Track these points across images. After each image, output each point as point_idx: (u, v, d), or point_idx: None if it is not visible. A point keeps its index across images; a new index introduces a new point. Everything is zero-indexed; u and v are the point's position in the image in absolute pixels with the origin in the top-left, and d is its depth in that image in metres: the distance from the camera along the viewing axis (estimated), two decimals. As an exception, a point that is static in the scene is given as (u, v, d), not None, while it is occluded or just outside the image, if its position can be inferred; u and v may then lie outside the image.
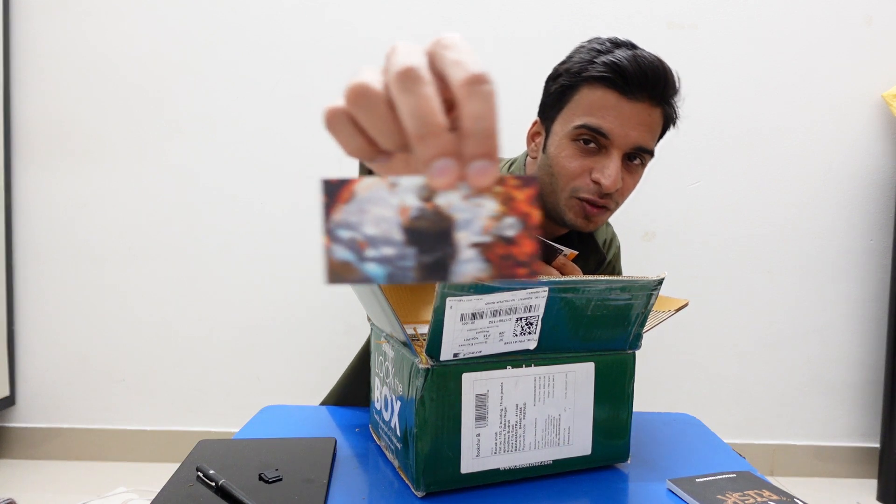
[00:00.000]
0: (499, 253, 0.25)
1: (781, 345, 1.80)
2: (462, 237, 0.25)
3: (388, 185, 0.26)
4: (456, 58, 0.25)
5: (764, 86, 1.73)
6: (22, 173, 1.74)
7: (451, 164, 0.24)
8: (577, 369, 0.57)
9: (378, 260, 0.25)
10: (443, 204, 0.25)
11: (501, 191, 0.25)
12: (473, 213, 0.25)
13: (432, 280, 0.25)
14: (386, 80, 0.26)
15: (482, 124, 0.24)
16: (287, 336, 1.78)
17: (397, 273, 0.25)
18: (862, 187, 1.76)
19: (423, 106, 0.24)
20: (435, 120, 0.24)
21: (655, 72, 0.74)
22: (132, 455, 1.78)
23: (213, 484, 0.52)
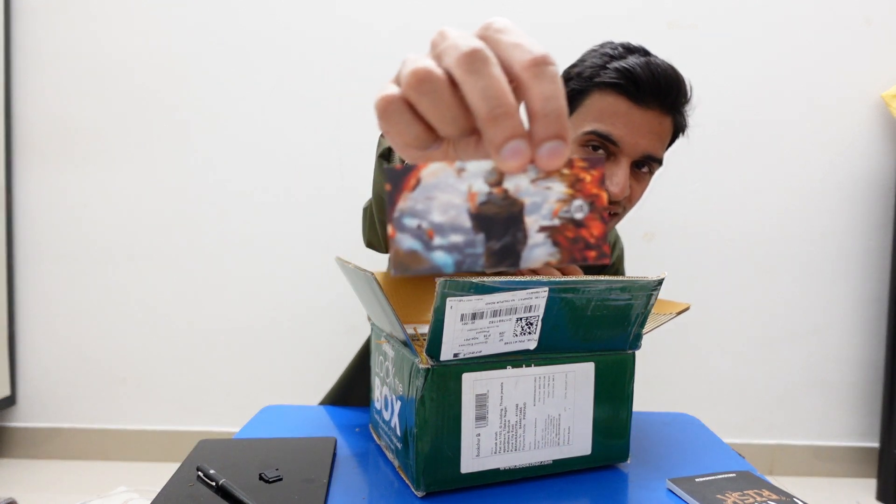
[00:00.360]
0: (568, 236, 0.25)
1: (781, 345, 1.80)
2: (531, 221, 0.25)
3: (456, 171, 0.25)
4: (515, 41, 0.25)
5: (763, 86, 1.74)
6: (23, 173, 1.74)
7: (523, 146, 0.23)
8: (577, 369, 0.57)
9: (446, 248, 0.25)
10: (511, 188, 0.25)
11: (569, 173, 0.25)
12: (542, 197, 0.25)
13: (503, 267, 0.25)
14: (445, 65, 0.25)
15: (553, 104, 0.23)
16: (287, 336, 1.78)
17: (466, 261, 0.25)
18: (862, 187, 1.76)
19: (494, 86, 0.23)
20: (508, 100, 0.23)
21: (668, 80, 0.73)
22: (132, 455, 1.79)
23: (214, 484, 0.52)
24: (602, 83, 0.73)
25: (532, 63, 0.24)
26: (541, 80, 0.23)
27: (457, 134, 0.26)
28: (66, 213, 1.75)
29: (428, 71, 0.25)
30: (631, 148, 0.74)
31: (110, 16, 1.71)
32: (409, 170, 0.25)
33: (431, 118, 0.26)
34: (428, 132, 0.27)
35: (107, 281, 1.76)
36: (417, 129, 0.27)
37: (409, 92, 0.25)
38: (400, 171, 0.25)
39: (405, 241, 0.24)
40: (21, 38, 1.71)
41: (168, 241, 1.76)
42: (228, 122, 1.73)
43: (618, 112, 0.73)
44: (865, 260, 1.77)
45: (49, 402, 1.79)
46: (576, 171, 0.25)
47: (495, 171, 0.25)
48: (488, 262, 0.25)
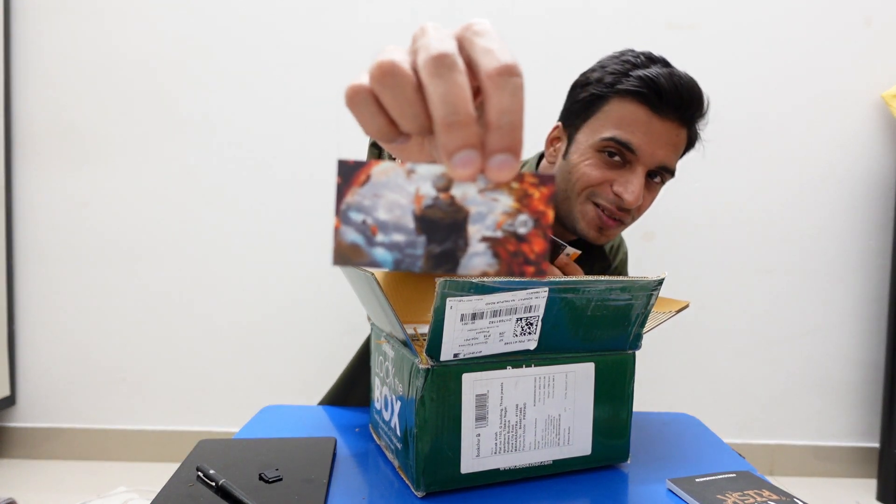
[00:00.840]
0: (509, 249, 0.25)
1: (781, 345, 1.80)
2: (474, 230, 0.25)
3: (406, 172, 0.25)
4: (487, 46, 0.24)
5: (764, 86, 1.73)
6: (23, 173, 1.74)
7: (474, 156, 0.23)
8: (577, 369, 0.57)
9: (387, 246, 0.25)
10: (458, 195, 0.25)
11: (518, 187, 0.25)
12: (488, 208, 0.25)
13: (440, 270, 0.25)
14: (414, 62, 0.25)
15: (508, 118, 0.23)
16: (287, 336, 1.78)
17: (405, 260, 0.25)
18: (862, 187, 1.76)
19: (454, 94, 0.23)
20: (465, 109, 0.23)
21: (690, 92, 0.73)
22: (132, 455, 1.78)
23: (214, 484, 0.52)
24: (623, 90, 0.73)
25: (497, 72, 0.23)
26: (502, 91, 0.23)
27: (417, 131, 0.26)
28: (66, 213, 1.75)
29: (393, 64, 0.25)
30: (648, 157, 0.74)
31: (110, 16, 1.70)
32: (360, 165, 0.25)
33: (392, 112, 0.26)
34: (391, 126, 0.27)
35: (107, 281, 1.76)
36: (381, 122, 0.27)
37: (373, 83, 0.25)
38: (351, 166, 0.25)
39: (349, 234, 0.25)
40: (21, 38, 1.70)
41: (168, 241, 1.76)
42: (228, 122, 1.73)
43: (638, 120, 0.73)
44: (865, 260, 1.77)
45: (49, 402, 1.79)
46: (525, 185, 0.25)
47: (445, 176, 0.25)
48: (426, 264, 0.25)
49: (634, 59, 0.75)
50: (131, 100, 1.73)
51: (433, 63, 0.24)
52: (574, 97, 0.79)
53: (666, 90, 0.72)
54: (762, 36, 1.72)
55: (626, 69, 0.74)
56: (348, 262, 0.25)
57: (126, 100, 1.73)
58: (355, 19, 1.72)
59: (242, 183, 1.75)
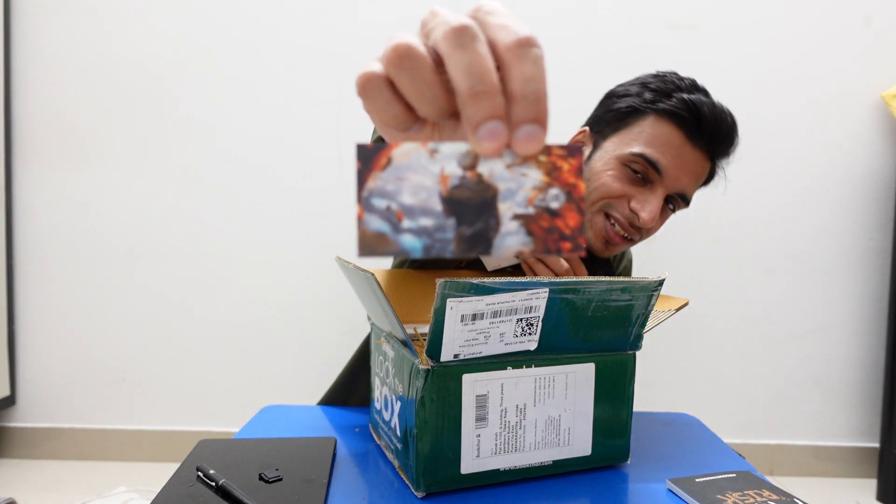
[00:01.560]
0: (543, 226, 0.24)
1: (781, 345, 1.80)
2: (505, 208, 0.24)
3: (429, 152, 0.24)
4: (502, 22, 0.24)
5: (763, 86, 1.73)
6: (23, 173, 1.74)
7: (500, 128, 0.22)
8: (577, 370, 0.57)
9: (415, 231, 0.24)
10: (485, 173, 0.24)
11: (546, 160, 0.24)
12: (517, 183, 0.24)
13: (473, 253, 0.24)
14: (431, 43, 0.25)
15: (533, 86, 0.23)
16: (287, 336, 1.78)
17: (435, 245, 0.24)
18: (862, 187, 1.76)
19: (479, 63, 0.23)
20: (491, 79, 0.23)
21: (727, 128, 0.74)
22: (132, 455, 1.78)
23: (214, 484, 0.52)
24: (663, 109, 0.72)
25: (516, 44, 0.23)
26: (523, 61, 0.23)
27: (436, 115, 0.25)
28: (65, 213, 1.75)
29: (409, 46, 0.24)
30: (672, 181, 0.74)
31: (110, 16, 1.70)
32: (380, 148, 0.24)
33: (410, 96, 0.25)
34: (407, 112, 0.26)
35: (107, 281, 1.76)
36: (396, 109, 0.26)
37: (389, 68, 0.24)
38: (371, 150, 0.24)
39: (373, 223, 0.24)
40: (21, 38, 1.70)
41: (167, 242, 1.76)
42: (228, 122, 1.73)
43: (671, 143, 0.72)
44: (865, 260, 1.77)
45: (49, 402, 1.79)
46: (553, 158, 0.24)
47: (470, 153, 0.24)
48: (458, 248, 0.24)
49: (679, 82, 0.74)
50: (131, 100, 1.73)
51: (455, 34, 0.23)
52: (608, 106, 0.79)
53: (707, 119, 0.71)
54: (762, 36, 1.72)
55: (669, 89, 0.74)
56: (374, 251, 0.24)
57: (126, 100, 1.73)
58: (355, 19, 1.72)
59: (242, 183, 1.75)
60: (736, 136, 0.76)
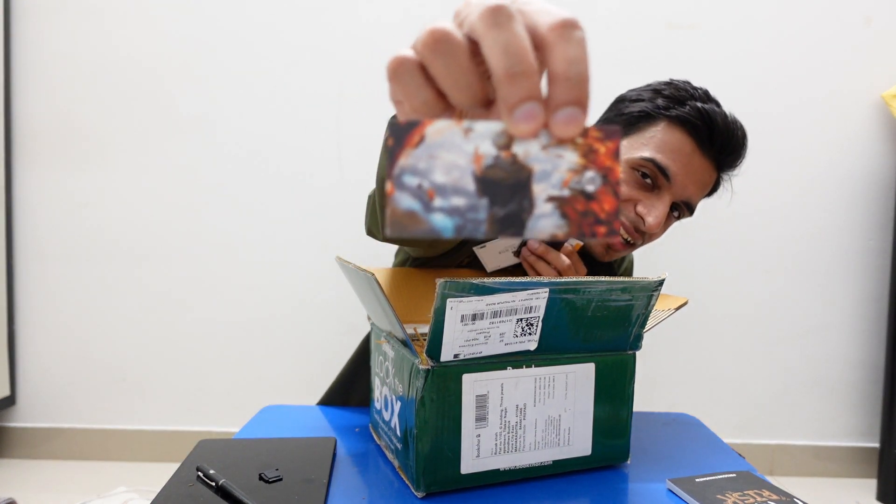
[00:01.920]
0: (578, 209, 0.23)
1: (781, 345, 1.80)
2: (539, 190, 0.23)
3: (463, 130, 0.23)
4: (541, 7, 0.23)
5: (763, 86, 1.73)
6: (23, 173, 1.74)
7: (538, 109, 0.22)
8: (577, 370, 0.57)
9: (447, 211, 0.23)
10: (520, 153, 0.23)
11: (582, 142, 0.24)
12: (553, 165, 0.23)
13: (506, 234, 0.23)
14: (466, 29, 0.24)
15: (577, 68, 0.22)
16: (287, 336, 1.78)
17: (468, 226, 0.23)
18: (861, 187, 1.76)
19: (516, 43, 0.22)
20: (528, 59, 0.22)
21: (738, 141, 0.74)
22: (132, 455, 1.78)
23: (214, 484, 0.52)
24: (676, 116, 0.73)
25: (561, 24, 0.22)
26: (567, 42, 0.22)
27: (468, 103, 0.25)
28: (65, 213, 1.75)
29: (445, 31, 0.23)
30: (680, 189, 0.74)
31: (110, 16, 1.70)
32: (413, 125, 0.23)
33: (444, 82, 0.24)
34: (438, 98, 0.25)
35: (107, 281, 1.76)
36: (427, 94, 0.25)
37: (423, 52, 0.24)
38: (404, 126, 0.23)
39: (404, 200, 0.23)
40: (21, 38, 1.70)
41: (168, 242, 1.76)
42: (228, 122, 1.73)
43: (681, 150, 0.73)
44: (865, 260, 1.77)
45: (49, 402, 1.79)
46: (590, 140, 0.23)
47: (505, 133, 0.23)
48: (491, 228, 0.23)
49: (692, 91, 0.75)
50: (131, 100, 1.73)
51: (491, 14, 0.23)
52: (619, 109, 0.79)
53: (719, 129, 0.72)
54: (762, 36, 1.72)
55: (682, 97, 0.74)
56: (404, 230, 0.23)
57: (126, 100, 1.73)
58: (355, 19, 1.72)
59: (242, 183, 1.75)
60: (745, 148, 0.76)
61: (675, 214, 0.77)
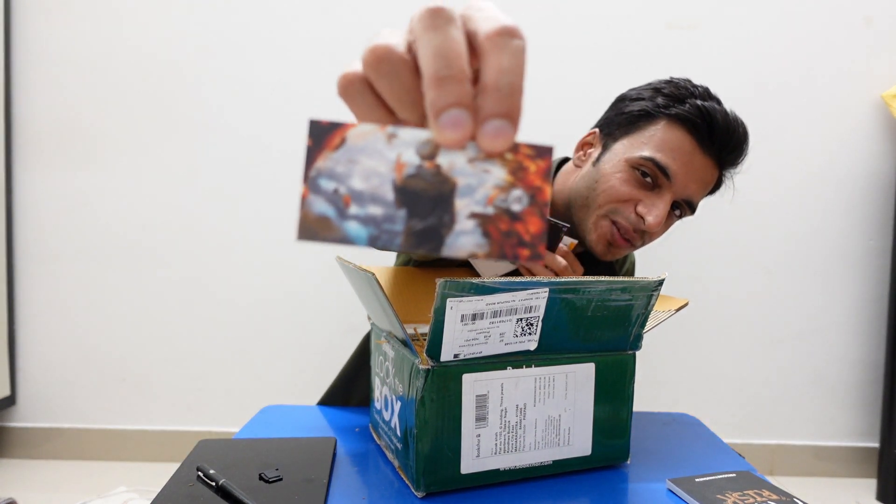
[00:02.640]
0: (501, 228, 0.22)
1: (781, 344, 1.80)
2: (462, 205, 0.22)
3: (386, 136, 0.22)
4: (487, 14, 0.22)
5: (763, 86, 1.73)
6: (23, 173, 1.74)
7: (465, 117, 0.21)
8: (577, 370, 0.57)
9: (362, 219, 0.22)
10: (445, 165, 0.22)
11: (512, 158, 0.22)
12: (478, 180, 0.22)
13: (421, 249, 0.22)
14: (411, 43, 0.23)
15: (508, 79, 0.21)
16: (287, 336, 1.78)
17: (382, 237, 0.22)
18: (862, 187, 1.76)
19: (447, 47, 0.21)
20: (459, 64, 0.21)
21: (739, 137, 0.74)
22: (132, 455, 1.78)
23: (214, 484, 0.52)
24: (675, 115, 0.72)
25: (497, 32, 0.21)
26: (501, 50, 0.21)
27: (417, 121, 0.24)
28: (66, 213, 1.75)
29: (387, 48, 0.22)
30: (681, 187, 0.73)
31: (110, 16, 1.70)
32: (334, 126, 0.22)
33: (389, 100, 0.23)
34: (389, 116, 0.24)
35: (107, 281, 1.76)
36: (379, 113, 0.24)
37: (368, 71, 0.23)
38: (324, 127, 0.22)
39: (317, 205, 0.22)
40: (21, 38, 1.70)
41: (168, 241, 1.76)
42: (228, 121, 1.73)
43: (682, 149, 0.72)
44: (865, 260, 1.77)
45: (49, 402, 1.79)
46: (520, 157, 0.22)
47: (430, 142, 0.22)
48: (406, 242, 0.22)
49: (693, 89, 0.75)
50: (132, 100, 1.73)
51: (428, 16, 0.22)
52: (619, 108, 0.79)
53: (719, 127, 0.72)
54: (762, 36, 1.72)
55: (682, 95, 0.74)
56: (315, 236, 0.22)
57: (127, 100, 1.73)
58: (355, 19, 1.72)
59: (243, 183, 1.75)
60: (746, 146, 0.75)
61: (676, 213, 0.77)
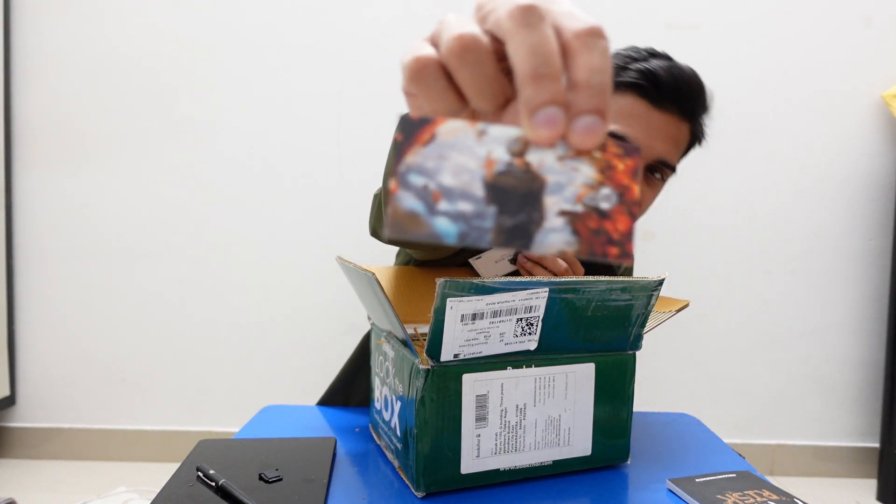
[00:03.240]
0: (590, 226, 0.22)
1: (781, 345, 1.80)
2: (552, 202, 0.22)
3: (477, 133, 0.22)
4: (567, 10, 0.23)
5: (763, 86, 1.73)
6: (23, 173, 1.74)
7: (560, 115, 0.21)
8: (577, 370, 0.57)
9: (451, 215, 0.22)
10: (535, 162, 0.22)
11: (601, 157, 0.23)
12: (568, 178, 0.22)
13: (512, 246, 0.22)
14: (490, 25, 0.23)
15: (598, 77, 0.21)
16: (287, 336, 1.78)
17: (472, 233, 0.22)
18: (862, 187, 1.76)
19: (545, 44, 0.21)
20: (555, 62, 0.21)
21: (690, 85, 0.72)
22: (132, 455, 1.78)
23: (214, 484, 0.52)
24: (622, 83, 0.72)
25: (586, 32, 0.22)
26: (591, 50, 0.22)
27: (492, 109, 0.24)
28: (65, 213, 1.75)
29: (475, 38, 0.22)
30: (646, 151, 0.73)
31: (110, 16, 1.70)
32: (425, 122, 0.22)
33: (469, 89, 0.23)
34: (460, 102, 0.24)
35: (107, 281, 1.76)
36: (450, 99, 0.24)
37: (450, 58, 0.23)
38: (416, 122, 0.22)
39: (406, 200, 0.22)
40: (21, 38, 1.70)
41: (168, 242, 1.76)
42: (228, 122, 1.73)
43: (635, 113, 0.72)
44: (865, 260, 1.77)
45: (49, 402, 1.79)
46: (608, 156, 0.23)
47: (520, 140, 0.22)
48: (497, 239, 0.22)
49: (636, 54, 0.74)
50: (131, 99, 1.73)
51: (522, 13, 0.22)
52: None
53: (664, 82, 0.71)
54: (762, 36, 1.72)
55: (625, 63, 0.73)
56: (405, 232, 0.22)
57: (126, 99, 1.73)
58: (355, 18, 1.72)
59: (242, 183, 1.75)
60: (702, 90, 0.74)
61: (657, 177, 0.76)
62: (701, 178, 1.75)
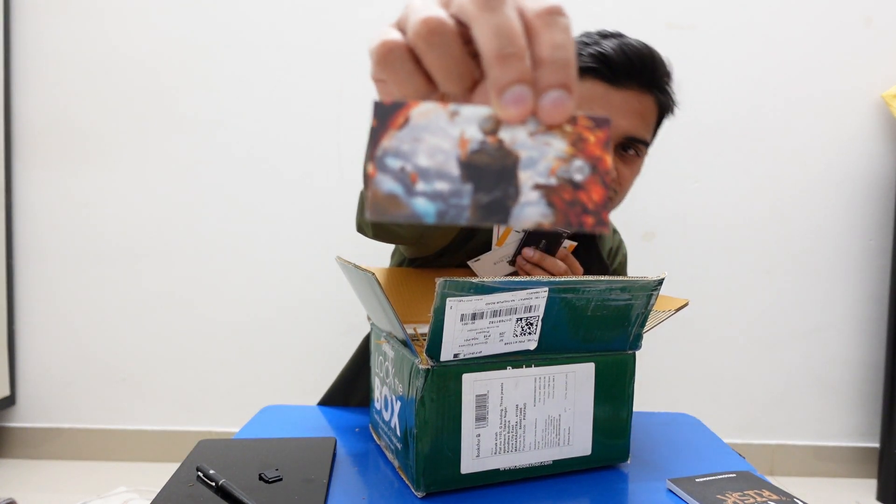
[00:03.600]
0: (565, 198, 0.23)
1: (781, 345, 1.80)
2: (526, 177, 0.23)
3: (449, 114, 0.23)
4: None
5: (763, 86, 1.73)
6: (23, 173, 1.74)
7: (527, 92, 0.22)
8: (577, 370, 0.57)
9: (429, 195, 0.22)
10: (507, 139, 0.23)
11: (571, 130, 0.23)
12: (540, 152, 0.23)
13: (490, 222, 0.23)
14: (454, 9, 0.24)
15: (562, 53, 0.22)
16: (287, 336, 1.78)
17: (450, 211, 0.23)
18: (861, 187, 1.76)
19: (509, 25, 0.22)
20: (519, 41, 0.22)
21: (642, 58, 0.73)
22: (132, 455, 1.78)
23: (214, 484, 0.52)
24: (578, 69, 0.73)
25: (546, 11, 0.23)
26: (553, 28, 0.22)
27: (460, 91, 0.24)
28: (65, 213, 1.75)
29: (441, 21, 0.23)
30: (613, 131, 0.73)
31: (110, 16, 1.70)
32: (398, 106, 0.23)
33: (436, 72, 0.24)
34: (428, 85, 0.25)
35: (107, 281, 1.76)
36: (419, 83, 0.25)
37: (417, 41, 0.23)
38: (389, 107, 0.23)
39: (385, 183, 0.22)
40: (21, 38, 1.70)
41: (168, 242, 1.76)
42: (228, 121, 1.73)
43: (594, 96, 0.73)
44: (865, 260, 1.77)
45: (49, 402, 1.79)
46: (579, 129, 0.23)
47: (491, 118, 0.23)
48: (474, 215, 0.23)
49: (587, 39, 0.75)
50: (132, 99, 1.73)
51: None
52: None
53: (615, 60, 0.71)
54: (762, 36, 1.72)
55: (578, 50, 0.74)
56: (385, 214, 0.22)
57: (126, 99, 1.73)
58: (355, 18, 1.72)
59: (242, 183, 1.75)
60: (656, 60, 0.74)
61: (631, 153, 0.77)
62: (701, 178, 1.75)
